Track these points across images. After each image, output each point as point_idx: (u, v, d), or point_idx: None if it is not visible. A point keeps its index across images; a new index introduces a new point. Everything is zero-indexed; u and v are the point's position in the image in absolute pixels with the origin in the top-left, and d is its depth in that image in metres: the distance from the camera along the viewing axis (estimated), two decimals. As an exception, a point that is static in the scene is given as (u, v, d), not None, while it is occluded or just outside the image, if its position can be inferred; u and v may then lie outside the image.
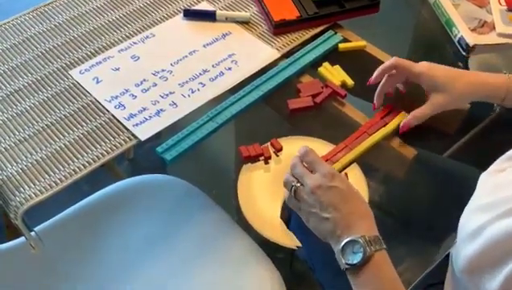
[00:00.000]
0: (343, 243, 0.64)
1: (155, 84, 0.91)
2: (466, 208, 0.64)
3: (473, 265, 0.59)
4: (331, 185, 0.67)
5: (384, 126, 0.86)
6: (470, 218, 0.61)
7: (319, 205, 0.67)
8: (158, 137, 0.86)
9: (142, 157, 1.13)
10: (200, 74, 0.93)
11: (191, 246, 0.89)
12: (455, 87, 0.83)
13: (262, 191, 0.82)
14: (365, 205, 0.68)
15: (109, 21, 1.02)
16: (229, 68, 0.94)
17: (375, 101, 0.88)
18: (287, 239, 0.77)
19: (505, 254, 0.54)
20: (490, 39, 1.02)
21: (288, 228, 0.78)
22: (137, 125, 0.85)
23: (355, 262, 0.63)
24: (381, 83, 0.88)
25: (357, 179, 0.82)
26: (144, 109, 0.87)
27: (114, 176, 1.22)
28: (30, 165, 0.80)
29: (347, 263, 0.63)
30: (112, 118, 0.86)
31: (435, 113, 0.84)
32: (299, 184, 0.69)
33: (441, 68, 0.84)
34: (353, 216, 0.66)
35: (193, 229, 0.88)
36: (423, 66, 0.85)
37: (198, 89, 0.91)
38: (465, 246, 0.60)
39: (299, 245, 0.77)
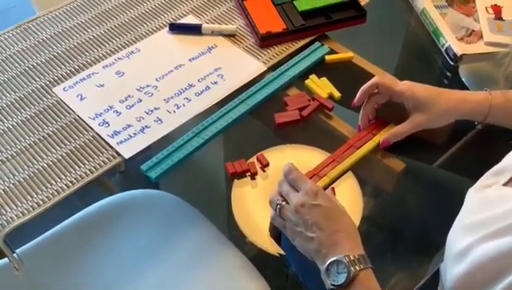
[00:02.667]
0: (327, 263, 0.63)
1: (140, 100, 0.90)
2: (453, 225, 0.63)
3: (461, 285, 0.58)
4: (314, 203, 0.66)
5: (371, 138, 0.85)
6: (457, 237, 0.60)
7: (303, 224, 0.66)
8: (149, 149, 0.85)
9: (135, 169, 1.12)
10: (186, 89, 0.92)
11: (182, 262, 0.88)
12: (436, 106, 0.82)
13: (256, 204, 0.81)
14: (350, 222, 0.67)
15: (93, 36, 1.01)
16: (215, 82, 0.93)
17: (360, 123, 0.87)
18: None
19: (495, 274, 0.54)
20: (478, 48, 1.01)
21: (279, 245, 0.77)
22: (121, 142, 0.84)
23: (340, 282, 0.62)
24: (364, 104, 0.86)
25: (351, 189, 0.81)
26: (128, 126, 0.86)
27: (106, 191, 1.21)
28: (12, 186, 0.79)
29: (332, 284, 0.62)
30: (96, 135, 0.85)
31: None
32: (284, 203, 0.69)
33: (423, 88, 0.83)
34: (337, 235, 0.65)
35: (184, 244, 0.87)
36: (405, 85, 0.84)
37: (183, 105, 0.90)
38: (452, 266, 0.59)
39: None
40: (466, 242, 0.57)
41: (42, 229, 0.89)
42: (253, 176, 0.83)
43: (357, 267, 0.62)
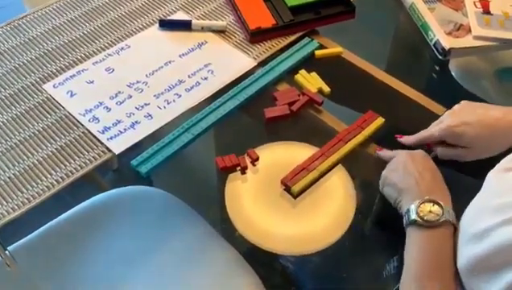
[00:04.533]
0: (424, 199, 0.67)
1: (130, 96, 0.91)
2: (471, 205, 0.62)
3: (477, 267, 0.58)
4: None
5: (360, 132, 0.85)
6: (476, 218, 0.59)
7: (416, 164, 0.72)
8: (141, 145, 0.86)
9: (128, 167, 1.12)
10: (176, 85, 0.93)
11: (174, 257, 0.88)
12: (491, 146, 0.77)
13: (249, 199, 0.81)
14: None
15: (83, 33, 1.01)
16: (206, 78, 0.94)
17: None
18: (278, 247, 0.77)
19: (507, 261, 0.53)
20: (466, 42, 1.02)
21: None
22: (111, 138, 0.84)
23: (431, 219, 0.65)
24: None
25: (343, 182, 0.82)
26: (119, 121, 0.87)
27: (98, 188, 1.21)
28: (2, 182, 0.79)
29: (420, 217, 0.66)
30: (86, 131, 0.85)
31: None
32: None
33: (477, 128, 0.76)
34: (441, 191, 0.70)
35: (176, 240, 0.87)
36: (457, 128, 0.77)
37: (174, 100, 0.90)
38: (468, 246, 0.59)
39: (289, 253, 0.77)
40: (486, 223, 0.56)
41: (34, 226, 0.89)
42: (243, 171, 0.84)
43: (450, 218, 0.65)
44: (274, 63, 0.96)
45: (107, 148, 0.83)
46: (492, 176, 0.64)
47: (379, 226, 0.84)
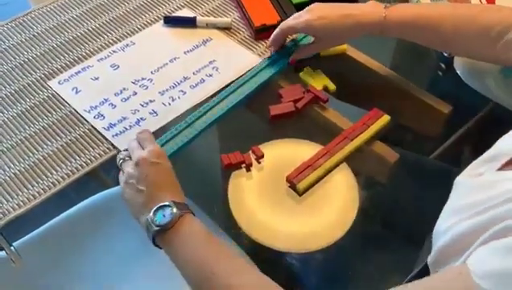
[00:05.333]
0: (153, 209, 0.66)
1: (135, 93, 0.91)
2: (442, 212, 0.64)
3: (438, 258, 0.60)
4: (154, 161, 0.70)
5: (366, 130, 0.85)
6: (443, 219, 0.62)
7: (137, 177, 0.69)
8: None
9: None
10: (181, 81, 0.93)
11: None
12: (333, 36, 0.90)
13: (253, 196, 0.81)
14: (179, 192, 0.71)
15: (88, 30, 1.01)
16: (210, 75, 0.94)
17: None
18: (283, 244, 0.77)
19: (462, 250, 0.55)
20: (472, 39, 1.01)
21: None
22: (116, 135, 0.84)
23: (165, 222, 0.65)
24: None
25: (347, 180, 0.82)
26: (124, 118, 0.87)
27: (103, 185, 1.21)
28: (8, 179, 0.79)
29: (157, 225, 0.65)
30: (91, 128, 0.85)
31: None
32: (127, 158, 0.73)
33: (322, 21, 0.88)
34: (165, 192, 0.68)
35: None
36: (305, 22, 0.88)
37: (179, 97, 0.90)
38: (435, 244, 0.61)
39: (294, 251, 0.77)
40: (451, 221, 0.59)
41: (39, 222, 0.90)
42: (248, 168, 0.84)
43: (182, 209, 0.67)
44: (276, 56, 0.95)
45: (112, 145, 0.83)
46: (460, 180, 0.66)
47: (383, 224, 0.84)
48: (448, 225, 0.59)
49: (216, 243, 0.66)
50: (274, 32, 0.93)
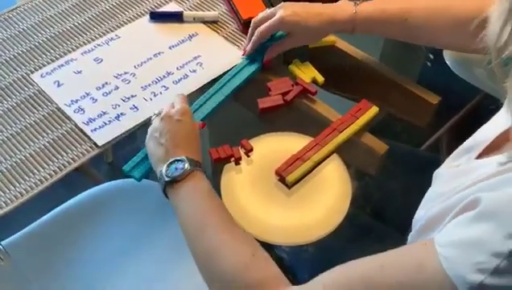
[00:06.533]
0: (169, 161, 0.71)
1: (117, 88, 0.90)
2: (422, 202, 0.65)
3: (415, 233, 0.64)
4: (179, 119, 0.75)
5: (354, 122, 0.85)
6: (422, 207, 0.65)
7: (160, 131, 0.75)
8: (135, 141, 0.85)
9: (122, 160, 1.12)
10: (164, 77, 0.92)
11: (170, 249, 0.88)
12: (307, 33, 0.89)
13: (245, 190, 0.81)
14: (199, 148, 0.76)
15: (74, 25, 1.00)
16: (194, 71, 0.93)
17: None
18: (274, 237, 0.77)
19: (432, 232, 0.58)
20: (460, 29, 1.01)
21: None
22: (95, 130, 0.83)
23: (176, 174, 0.69)
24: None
25: (339, 171, 0.81)
26: (104, 113, 0.86)
27: (92, 181, 1.21)
28: (-6, 176, 0.78)
29: (168, 176, 0.70)
30: (76, 125, 0.85)
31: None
32: (159, 115, 0.78)
33: (294, 17, 0.88)
34: (182, 147, 0.73)
35: (172, 231, 0.87)
36: (279, 20, 0.87)
37: (161, 92, 0.89)
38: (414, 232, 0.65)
39: (285, 243, 0.78)
40: (426, 208, 0.62)
41: (28, 221, 0.89)
42: (237, 162, 0.83)
43: (195, 166, 0.71)
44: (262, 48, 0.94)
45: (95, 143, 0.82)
46: (439, 171, 0.69)
47: (375, 215, 0.84)
48: (423, 212, 0.62)
49: (216, 202, 0.70)
50: (253, 39, 0.91)
